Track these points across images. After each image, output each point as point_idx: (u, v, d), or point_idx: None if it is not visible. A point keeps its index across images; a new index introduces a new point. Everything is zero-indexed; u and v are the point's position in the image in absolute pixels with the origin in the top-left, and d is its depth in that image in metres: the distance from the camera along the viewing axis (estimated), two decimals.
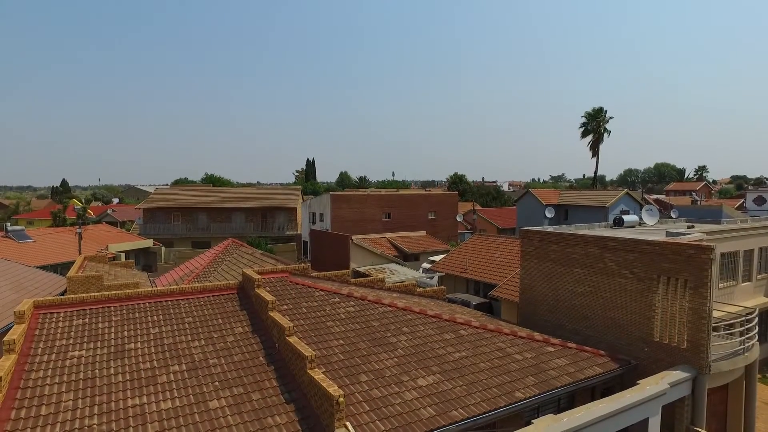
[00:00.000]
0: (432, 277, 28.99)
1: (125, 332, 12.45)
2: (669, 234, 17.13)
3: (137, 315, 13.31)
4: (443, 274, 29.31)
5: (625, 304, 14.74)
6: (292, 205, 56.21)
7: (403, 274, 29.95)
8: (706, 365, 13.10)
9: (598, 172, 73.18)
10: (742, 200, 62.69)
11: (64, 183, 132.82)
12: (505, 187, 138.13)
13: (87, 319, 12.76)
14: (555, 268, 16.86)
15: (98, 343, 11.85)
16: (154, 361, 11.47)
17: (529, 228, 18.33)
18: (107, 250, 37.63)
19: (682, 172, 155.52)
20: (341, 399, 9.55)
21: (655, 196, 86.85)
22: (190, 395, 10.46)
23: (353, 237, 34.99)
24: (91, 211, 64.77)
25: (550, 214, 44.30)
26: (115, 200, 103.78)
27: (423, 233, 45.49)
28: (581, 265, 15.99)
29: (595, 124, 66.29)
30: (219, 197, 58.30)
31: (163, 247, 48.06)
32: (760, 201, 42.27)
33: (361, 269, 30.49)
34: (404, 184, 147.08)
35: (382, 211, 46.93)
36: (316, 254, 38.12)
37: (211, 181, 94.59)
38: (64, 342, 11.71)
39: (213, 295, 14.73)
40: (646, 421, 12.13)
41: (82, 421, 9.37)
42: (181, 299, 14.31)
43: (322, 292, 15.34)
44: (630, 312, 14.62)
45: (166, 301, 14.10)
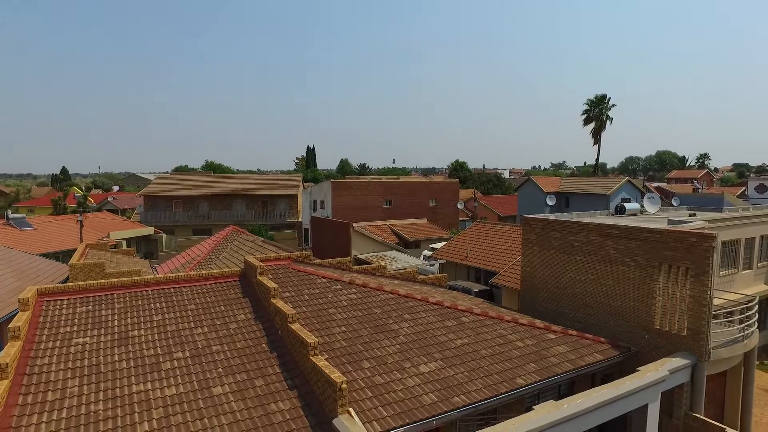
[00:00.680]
0: (433, 265, 29.07)
1: (128, 319, 12.53)
2: (671, 222, 17.12)
3: (140, 302, 13.37)
4: (444, 262, 29.39)
5: (626, 292, 14.78)
6: (293, 193, 56.12)
7: (404, 261, 30.04)
8: (706, 352, 13.18)
9: (600, 160, 72.87)
10: (744, 188, 62.56)
11: (64, 171, 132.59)
12: (506, 175, 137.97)
13: (90, 307, 12.83)
14: (556, 256, 16.88)
15: (102, 330, 11.93)
16: (158, 348, 11.55)
17: (531, 215, 18.31)
18: (108, 237, 37.68)
19: (683, 159, 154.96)
20: (344, 385, 9.63)
21: (656, 184, 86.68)
22: (194, 382, 10.55)
23: (354, 224, 35.02)
24: (92, 199, 64.81)
25: (551, 201, 44.16)
26: (116, 188, 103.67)
27: (424, 221, 45.49)
28: (583, 253, 16.00)
29: (598, 112, 65.87)
30: (220, 185, 58.20)
31: (164, 235, 48.11)
32: (761, 189, 42.18)
33: (362, 256, 30.54)
34: (405, 172, 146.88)
35: (383, 199, 46.86)
36: (317, 241, 38.23)
37: (212, 168, 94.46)
38: (68, 329, 11.78)
39: (215, 283, 14.79)
40: (645, 407, 12.24)
41: (87, 407, 9.47)
42: (184, 286, 14.37)
43: (324, 280, 15.39)
44: (631, 299, 14.68)
45: (168, 289, 14.16)
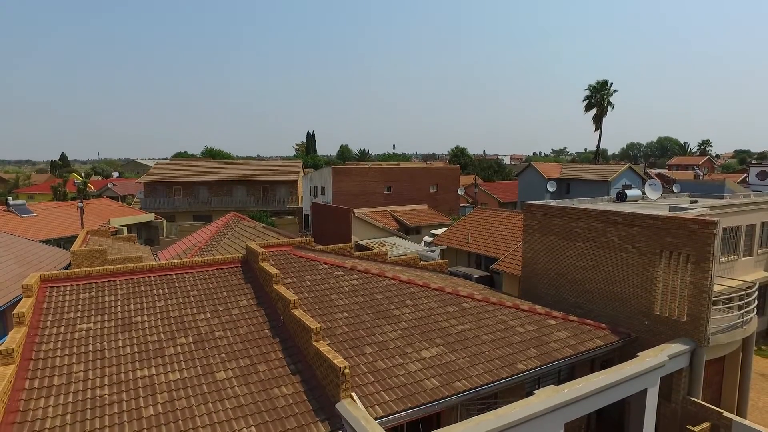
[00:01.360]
0: (434, 251, 29.14)
1: (131, 305, 12.59)
2: (672, 209, 17.11)
3: (143, 288, 13.43)
4: (445, 248, 29.44)
5: (627, 278, 14.84)
6: (294, 179, 56.02)
7: (404, 247, 30.09)
8: (705, 338, 13.28)
9: (601, 146, 72.57)
10: (745, 175, 62.36)
11: (63, 157, 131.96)
12: (507, 161, 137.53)
13: (93, 293, 12.88)
14: (557, 242, 16.91)
15: (105, 316, 12.00)
16: (161, 334, 11.63)
17: (533, 202, 18.30)
18: (109, 224, 37.70)
19: (685, 146, 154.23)
20: (347, 370, 9.72)
21: (657, 171, 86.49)
22: (198, 367, 10.65)
23: (355, 210, 34.99)
24: (92, 185, 64.72)
25: (552, 188, 44.18)
26: (115, 174, 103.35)
27: (424, 207, 45.47)
28: (584, 239, 16.02)
29: (599, 98, 65.42)
30: (220, 171, 58.07)
31: (165, 221, 48.13)
32: (762, 176, 42.05)
33: (363, 243, 30.60)
34: (405, 157, 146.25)
35: (384, 185, 46.77)
36: (317, 228, 38.23)
37: (212, 154, 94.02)
38: (72, 315, 11.85)
39: (217, 269, 14.83)
40: (644, 392, 12.37)
41: (93, 392, 9.58)
42: (186, 273, 14.42)
43: (326, 266, 15.43)
44: (631, 286, 14.74)
45: (170, 275, 14.21)
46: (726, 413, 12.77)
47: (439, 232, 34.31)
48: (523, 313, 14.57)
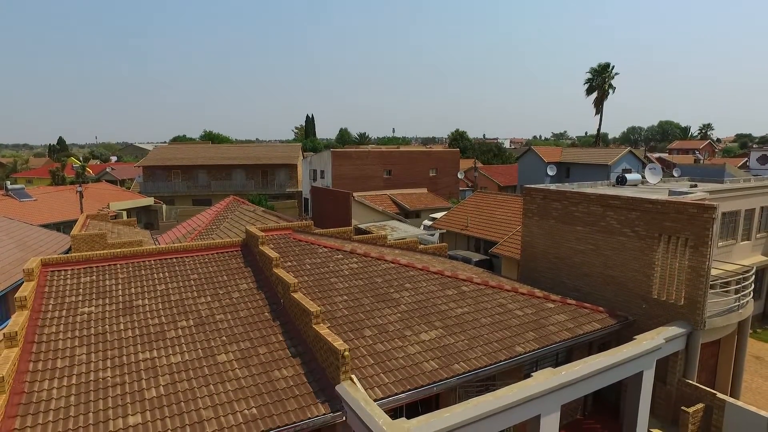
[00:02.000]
0: (433, 234, 29.21)
1: (132, 289, 12.67)
2: (672, 193, 17.12)
3: (143, 272, 13.49)
4: (444, 231, 29.51)
5: (625, 262, 14.91)
6: (293, 162, 55.82)
7: (404, 231, 30.17)
8: (701, 321, 13.40)
9: (601, 130, 72.11)
10: (746, 159, 62.18)
11: (61, 141, 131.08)
12: (507, 144, 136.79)
13: (94, 277, 12.95)
14: (556, 226, 16.94)
15: (107, 300, 12.08)
16: (162, 317, 11.73)
17: (532, 185, 18.28)
18: (108, 208, 37.69)
19: (686, 130, 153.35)
20: (347, 353, 9.83)
21: (657, 155, 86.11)
22: (199, 349, 10.76)
23: (354, 194, 34.98)
24: (90, 170, 64.42)
25: (551, 171, 44.00)
26: (114, 158, 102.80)
27: (424, 190, 45.45)
28: (583, 223, 16.06)
29: (600, 81, 64.84)
30: (219, 154, 57.82)
31: (164, 205, 48.12)
32: (763, 160, 41.86)
33: (363, 226, 30.68)
34: (405, 141, 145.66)
35: (383, 168, 46.64)
36: (317, 211, 38.28)
37: (210, 138, 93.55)
38: (73, 299, 11.93)
39: (217, 252, 14.89)
40: (640, 374, 12.53)
41: (96, 374, 9.70)
42: (186, 256, 14.48)
43: (326, 249, 15.48)
44: (630, 270, 14.82)
45: (171, 259, 14.27)
46: (720, 394, 12.96)
47: (438, 215, 34.36)
48: (522, 296, 14.68)
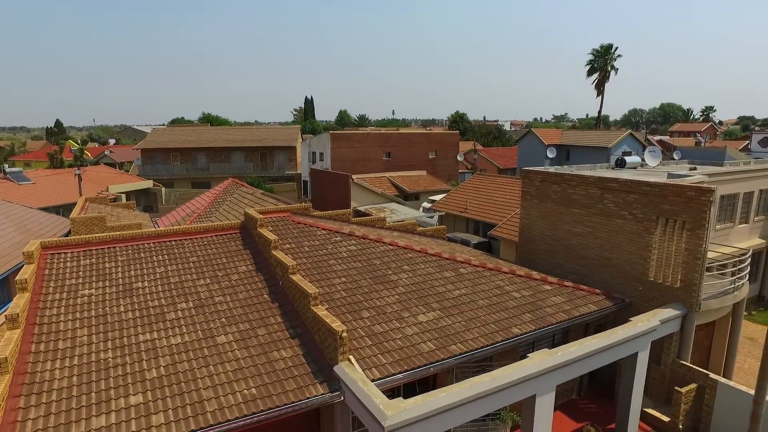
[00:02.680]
0: (432, 217, 29.25)
1: (132, 271, 12.75)
2: (670, 176, 17.10)
3: (143, 255, 13.56)
4: (443, 214, 29.55)
5: (623, 245, 14.98)
6: (292, 145, 55.56)
7: (403, 213, 30.22)
8: (697, 303, 13.52)
9: (603, 112, 71.68)
10: (747, 142, 61.92)
11: (59, 124, 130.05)
12: (507, 127, 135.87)
13: (94, 259, 13.02)
14: (555, 209, 16.97)
15: (107, 282, 12.17)
16: (162, 299, 11.83)
17: (531, 168, 18.25)
18: (107, 191, 37.65)
19: (688, 113, 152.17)
20: (344, 334, 9.94)
21: (658, 137, 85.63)
22: (198, 331, 10.88)
23: (353, 176, 34.96)
24: (89, 153, 64.21)
25: (551, 154, 43.89)
26: (112, 141, 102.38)
27: (423, 173, 45.36)
28: (581, 206, 16.08)
29: (603, 62, 64.14)
30: (218, 137, 57.51)
31: (163, 188, 48.06)
32: (765, 142, 41.71)
33: (362, 208, 30.69)
34: (404, 123, 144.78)
35: (383, 150, 46.49)
36: (316, 193, 38.26)
37: (209, 120, 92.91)
38: (73, 281, 12.01)
39: (216, 235, 14.94)
40: (635, 355, 12.69)
41: (98, 355, 9.83)
42: (185, 239, 14.53)
43: (324, 231, 15.53)
44: (627, 252, 14.89)
45: (170, 241, 14.32)
46: (712, 375, 13.16)
47: (437, 198, 34.37)
48: (519, 278, 14.78)
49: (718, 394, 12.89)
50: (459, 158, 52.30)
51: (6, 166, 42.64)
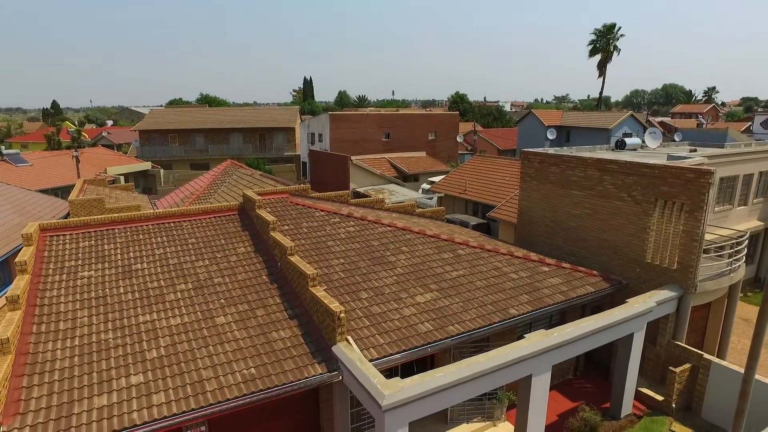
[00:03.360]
0: (431, 198, 29.23)
1: (131, 253, 12.79)
2: (670, 158, 17.03)
3: (141, 237, 13.58)
4: (442, 195, 29.52)
5: (621, 227, 15.00)
6: (291, 126, 55.20)
7: (402, 194, 30.19)
8: (693, 285, 13.60)
9: (604, 93, 71.00)
10: (750, 123, 61.44)
11: (55, 105, 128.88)
12: (507, 108, 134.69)
13: (93, 241, 13.04)
14: (554, 190, 16.94)
15: (106, 264, 12.21)
16: (161, 281, 11.89)
17: (530, 149, 18.15)
18: (106, 173, 37.54)
19: (690, 94, 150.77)
20: (342, 315, 10.03)
21: (660, 119, 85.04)
22: (198, 312, 10.97)
23: (352, 157, 34.78)
24: (86, 134, 63.71)
25: (551, 135, 43.68)
26: (110, 122, 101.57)
27: (423, 154, 45.16)
28: (580, 188, 16.05)
29: (605, 42, 63.26)
30: (216, 118, 57.10)
31: (162, 170, 47.90)
32: (767, 124, 41.33)
33: (361, 190, 30.65)
34: (404, 104, 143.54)
35: (382, 131, 46.19)
36: (315, 175, 38.15)
37: (207, 101, 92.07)
38: (73, 263, 12.06)
39: (215, 217, 14.94)
40: (631, 336, 12.82)
41: (98, 336, 9.92)
42: (184, 221, 14.53)
43: (322, 213, 15.54)
44: (625, 234, 14.92)
45: (169, 223, 14.33)
46: (706, 355, 13.31)
47: (437, 179, 34.27)
48: (517, 260, 14.83)
49: (711, 374, 13.07)
50: (459, 139, 52.00)
51: (3, 147, 42.38)
